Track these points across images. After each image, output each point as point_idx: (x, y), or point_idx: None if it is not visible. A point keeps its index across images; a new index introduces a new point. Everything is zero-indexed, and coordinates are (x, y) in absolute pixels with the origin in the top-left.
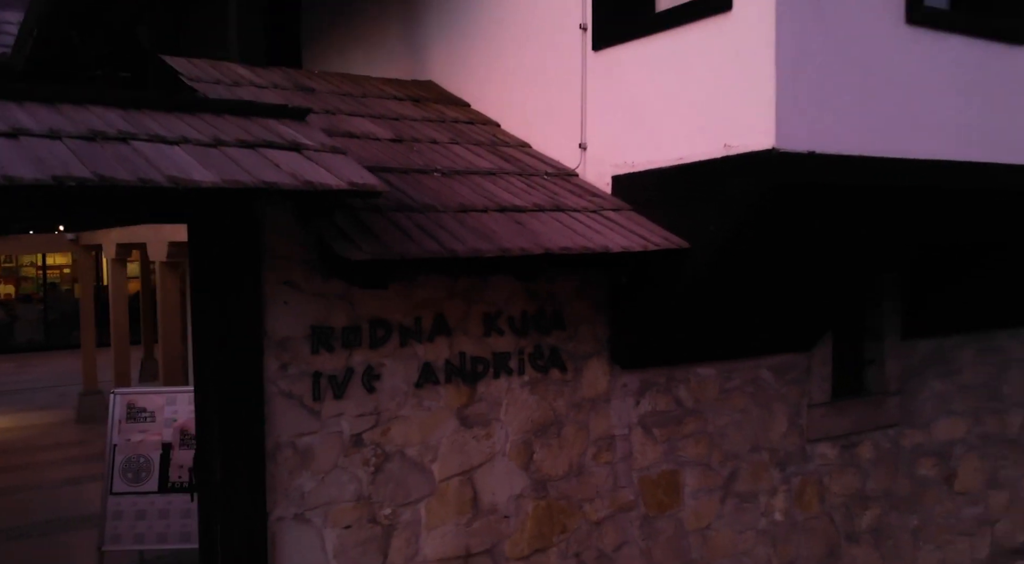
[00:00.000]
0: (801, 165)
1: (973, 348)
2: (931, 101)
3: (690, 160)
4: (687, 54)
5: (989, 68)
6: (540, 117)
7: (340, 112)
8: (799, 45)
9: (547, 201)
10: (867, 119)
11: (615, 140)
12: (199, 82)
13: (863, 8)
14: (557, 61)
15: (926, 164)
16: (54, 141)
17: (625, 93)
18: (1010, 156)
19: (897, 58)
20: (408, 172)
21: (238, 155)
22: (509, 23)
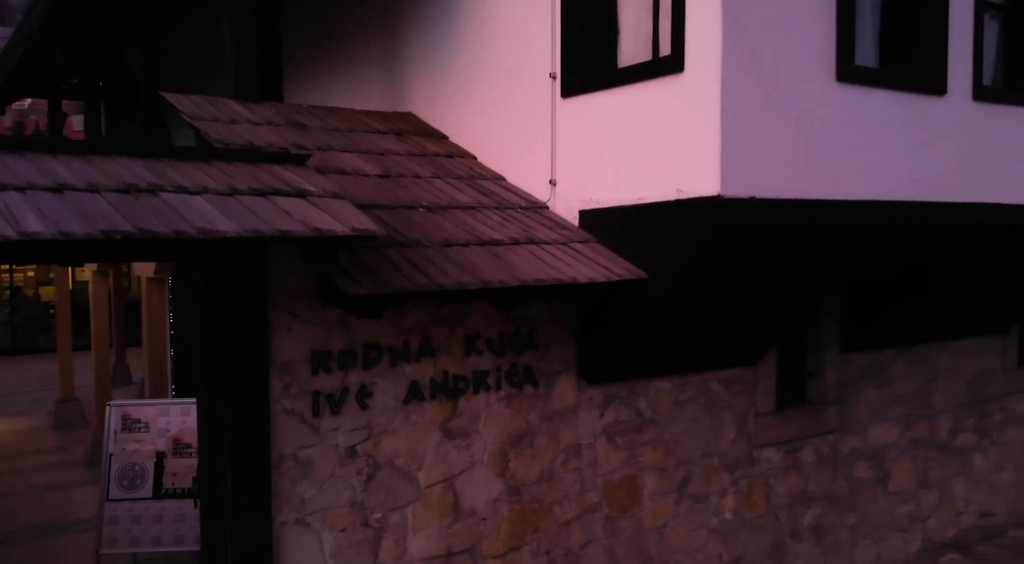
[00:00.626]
0: (743, 209)
1: (905, 360)
2: (860, 148)
3: (648, 201)
4: (645, 107)
5: (912, 116)
6: (514, 153)
7: (331, 148)
8: (742, 103)
9: (522, 234)
10: (802, 166)
11: (582, 178)
12: (200, 120)
13: (798, 69)
14: (529, 103)
15: (856, 204)
16: (94, 194)
17: (591, 137)
18: (931, 194)
19: (829, 111)
20: (396, 208)
21: (253, 203)
22: (485, 63)
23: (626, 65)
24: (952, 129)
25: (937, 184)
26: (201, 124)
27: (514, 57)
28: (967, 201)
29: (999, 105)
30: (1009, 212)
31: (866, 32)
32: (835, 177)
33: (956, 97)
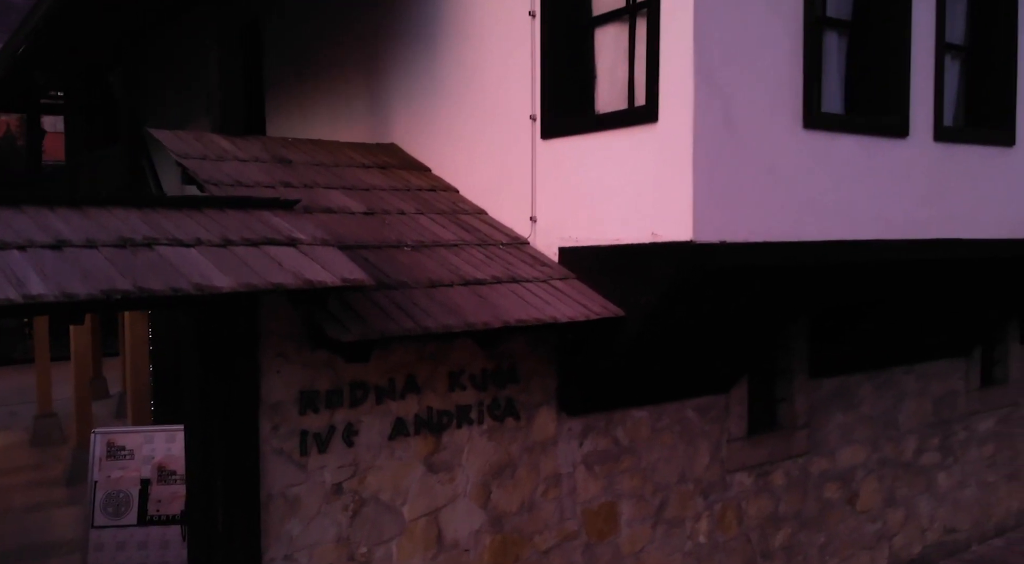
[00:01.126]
0: (714, 253)
1: (873, 383)
2: (826, 191)
3: (624, 242)
4: (621, 153)
5: (876, 159)
6: (495, 187)
7: (317, 185)
8: (713, 152)
9: (504, 273)
10: (771, 210)
11: (561, 217)
12: (188, 159)
13: (767, 117)
14: (510, 141)
15: (822, 245)
16: (93, 250)
17: (569, 178)
18: (893, 233)
19: (796, 157)
20: (383, 247)
21: (246, 254)
22: (467, 100)
23: (603, 111)
24: (914, 169)
25: (900, 222)
26: (189, 163)
27: (495, 97)
28: (928, 238)
29: (958, 144)
30: (968, 246)
31: (832, 79)
32: (801, 220)
33: (918, 139)
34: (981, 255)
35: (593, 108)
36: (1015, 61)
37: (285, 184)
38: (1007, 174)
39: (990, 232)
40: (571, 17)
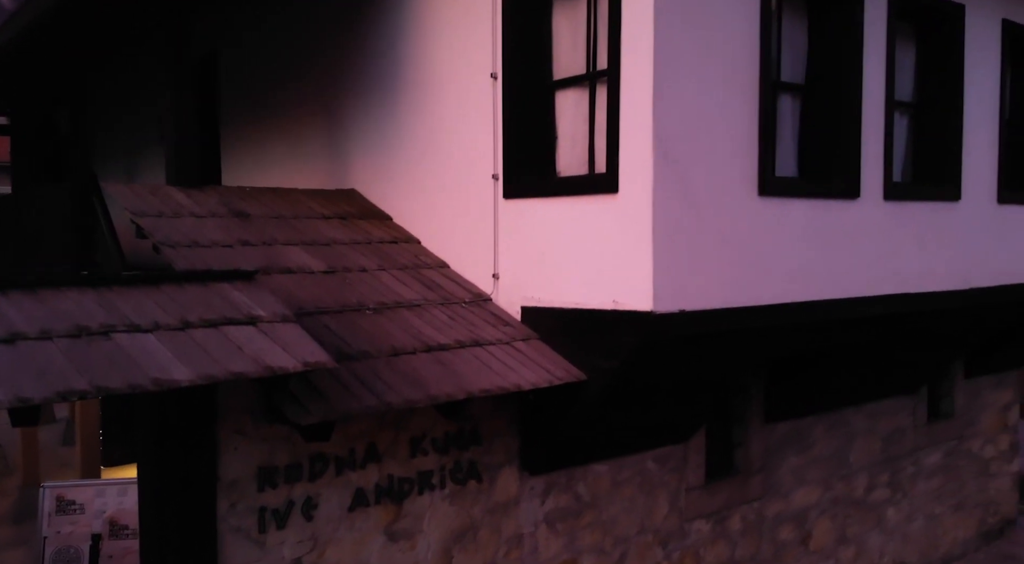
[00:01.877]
0: (673, 321)
1: (824, 425)
2: (781, 255)
3: (585, 307)
4: (583, 219)
5: (829, 220)
6: (458, 241)
7: (276, 242)
8: (672, 223)
9: (466, 336)
10: (727, 277)
11: (524, 275)
12: (143, 216)
13: (723, 186)
14: (472, 198)
15: (777, 307)
16: (47, 342)
17: (532, 238)
18: (846, 291)
19: (752, 224)
20: (343, 312)
21: (205, 339)
22: (429, 152)
23: (565, 173)
24: (865, 229)
25: (852, 281)
26: (145, 222)
27: (457, 153)
28: (879, 294)
29: (907, 202)
30: (917, 300)
31: (786, 143)
32: (757, 284)
33: (868, 199)
34: (930, 308)
35: (555, 169)
36: (960, 118)
37: (243, 242)
38: (953, 228)
39: (938, 285)
40: (532, 80)
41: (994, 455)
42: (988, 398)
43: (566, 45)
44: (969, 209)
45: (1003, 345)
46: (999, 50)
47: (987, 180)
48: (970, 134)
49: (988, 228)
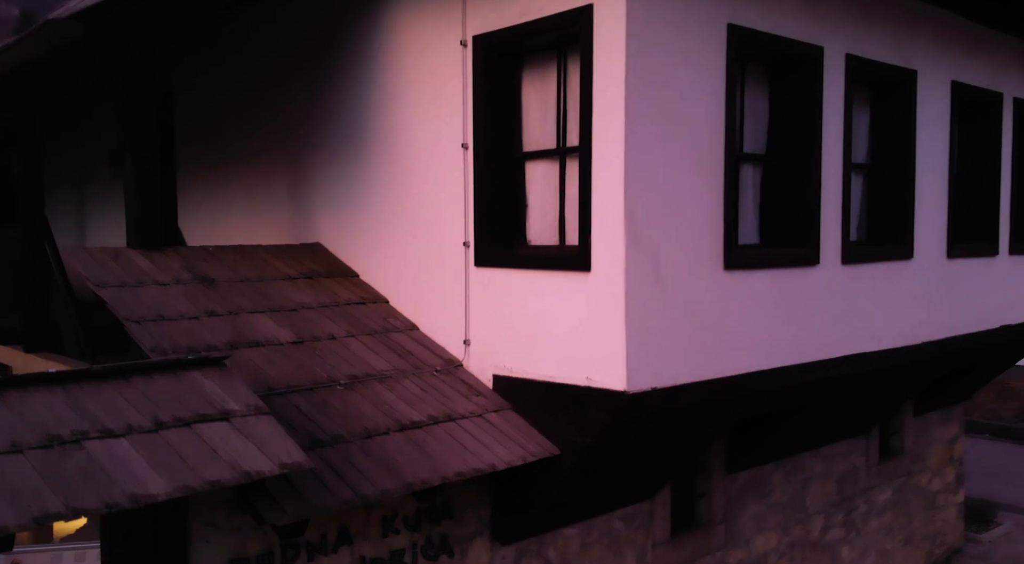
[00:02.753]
0: (646, 400)
1: (782, 471)
2: (746, 326)
3: (558, 381)
4: (555, 293)
5: (790, 288)
6: (428, 303)
7: (243, 310)
8: (643, 303)
9: (439, 410)
10: (696, 351)
11: (495, 343)
12: (106, 288)
13: (691, 262)
14: (443, 262)
15: (742, 377)
16: (18, 456)
17: (503, 308)
18: (807, 356)
19: (718, 298)
20: (314, 389)
21: (179, 442)
22: (399, 211)
23: (535, 242)
24: (824, 293)
25: (812, 345)
26: (108, 294)
27: (428, 218)
28: (838, 356)
29: (862, 264)
30: (873, 358)
31: (748, 213)
32: (724, 357)
33: (827, 265)
34: (885, 365)
35: (525, 237)
36: (913, 177)
37: (209, 313)
38: (907, 285)
39: (892, 342)
40: (502, 151)
41: (940, 488)
42: (935, 433)
43: (535, 118)
44: (921, 266)
45: (950, 384)
46: (948, 110)
47: (938, 236)
48: (922, 192)
49: (939, 283)
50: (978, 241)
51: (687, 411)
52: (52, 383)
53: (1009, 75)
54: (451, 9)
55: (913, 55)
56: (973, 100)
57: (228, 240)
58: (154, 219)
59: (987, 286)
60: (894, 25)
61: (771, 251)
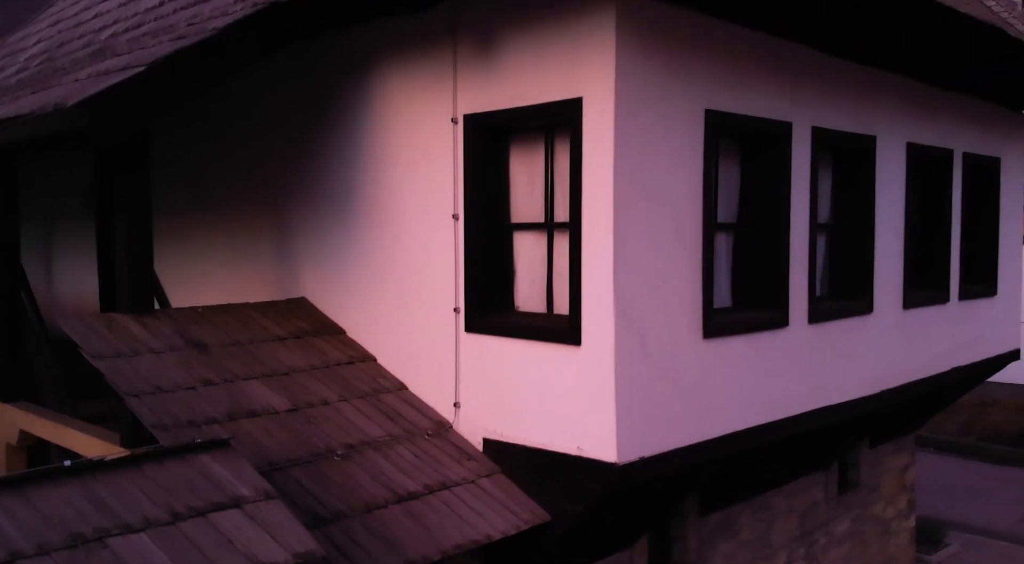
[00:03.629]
0: (634, 469)
1: (751, 510)
2: (724, 390)
3: (549, 449)
4: (546, 364)
5: (762, 351)
6: (418, 365)
7: (237, 378)
8: (631, 376)
9: (434, 478)
10: (679, 418)
11: (485, 407)
12: (103, 359)
13: (673, 334)
14: (433, 326)
15: (720, 439)
16: (45, 559)
17: (494, 374)
18: (780, 413)
19: (699, 366)
20: (313, 462)
21: (196, 534)
22: (389, 276)
23: (523, 309)
24: (793, 353)
25: (783, 402)
26: (105, 366)
27: (418, 281)
28: (807, 410)
29: (827, 322)
30: (838, 410)
31: (721, 278)
32: (705, 421)
33: (796, 325)
34: (848, 415)
35: (513, 304)
36: (872, 234)
37: (205, 382)
38: (868, 338)
39: (855, 393)
40: (492, 221)
41: (894, 515)
42: (888, 463)
43: (523, 191)
44: (880, 319)
45: (904, 420)
46: (904, 169)
47: (895, 289)
48: (881, 248)
49: (896, 333)
50: (931, 289)
51: (671, 476)
52: (69, 475)
53: (959, 132)
54: (442, 88)
55: (873, 122)
56: (927, 158)
57: (208, 289)
58: (144, 284)
59: (940, 332)
60: (856, 95)
61: (745, 316)
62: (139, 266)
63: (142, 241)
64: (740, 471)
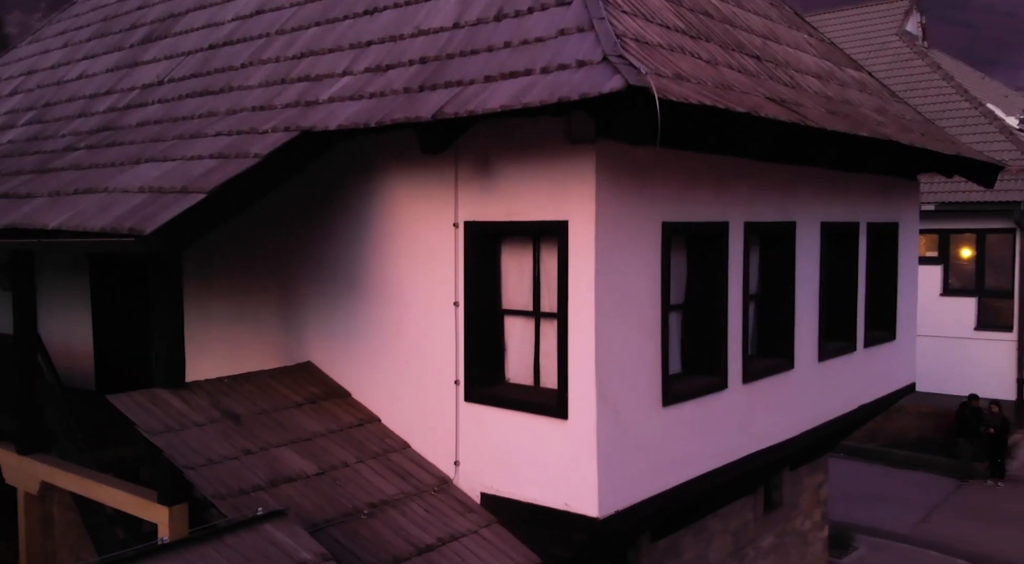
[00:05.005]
0: (612, 520)
1: (692, 532)
2: (679, 448)
3: (540, 504)
4: (537, 432)
5: (708, 411)
6: (421, 427)
7: (271, 446)
8: (608, 443)
9: (444, 531)
10: (644, 475)
11: (482, 467)
12: (157, 434)
13: (639, 406)
14: (435, 394)
15: (676, 488)
16: None
17: (491, 438)
18: (718, 462)
19: (659, 429)
20: (346, 521)
21: None
22: (393, 347)
23: (512, 380)
24: (731, 409)
25: (724, 450)
26: (161, 442)
27: (421, 354)
28: (743, 455)
29: (758, 380)
30: (770, 451)
31: (673, 352)
32: (663, 474)
33: (733, 386)
34: (774, 457)
35: (504, 376)
36: (793, 302)
37: (246, 452)
38: (790, 390)
39: (781, 437)
40: (487, 307)
41: (810, 527)
42: (806, 482)
43: (514, 283)
44: (800, 372)
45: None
46: (819, 243)
47: (811, 345)
48: (800, 311)
49: (813, 382)
50: (842, 340)
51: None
52: (166, 551)
53: (864, 205)
54: (445, 196)
55: (794, 210)
56: (837, 232)
57: (212, 349)
58: (180, 363)
59: (849, 377)
60: (780, 189)
61: (693, 382)
62: (175, 348)
63: (176, 328)
64: (686, 504)
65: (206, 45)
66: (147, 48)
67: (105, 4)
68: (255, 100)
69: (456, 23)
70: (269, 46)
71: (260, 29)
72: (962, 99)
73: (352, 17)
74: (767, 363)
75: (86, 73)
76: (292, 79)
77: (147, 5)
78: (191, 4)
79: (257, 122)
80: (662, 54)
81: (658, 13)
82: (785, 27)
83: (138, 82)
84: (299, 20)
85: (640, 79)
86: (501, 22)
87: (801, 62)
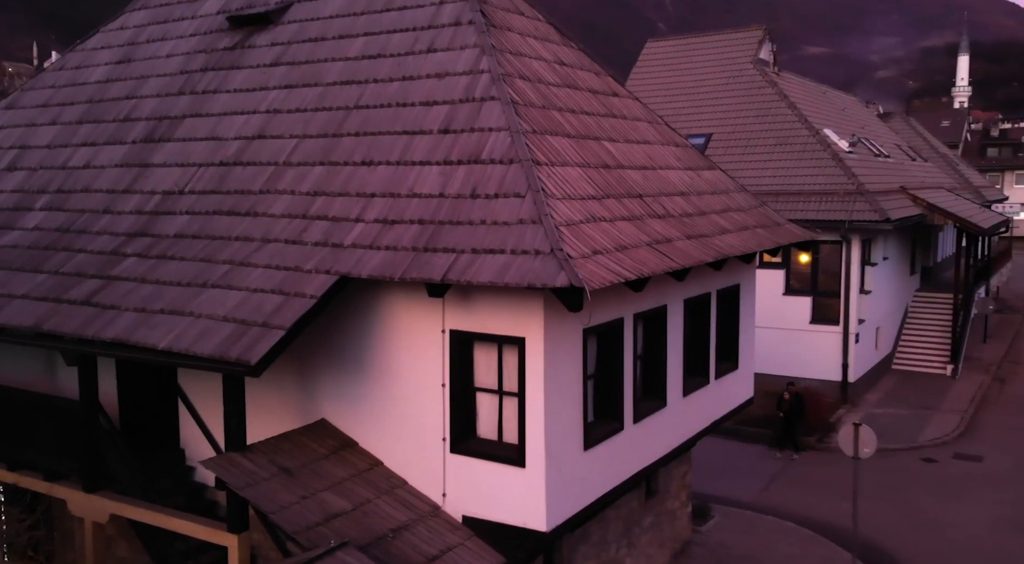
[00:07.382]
0: (555, 531)
1: (595, 521)
2: (595, 475)
3: (507, 523)
4: (504, 475)
5: (612, 447)
6: (417, 465)
7: (317, 491)
8: (552, 480)
9: (443, 545)
10: (573, 497)
11: (463, 497)
12: (244, 489)
13: (570, 451)
14: (427, 444)
15: (595, 501)
16: None
17: (471, 476)
18: (622, 478)
19: (581, 466)
20: (379, 543)
21: None
22: (396, 409)
23: (482, 436)
24: (628, 443)
25: (624, 472)
26: (250, 494)
27: (417, 414)
28: (636, 471)
29: (643, 419)
30: (652, 465)
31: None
32: (585, 495)
33: (628, 427)
34: (661, 463)
35: (476, 432)
36: (665, 358)
37: (303, 497)
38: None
39: (659, 454)
40: (465, 386)
41: (677, 506)
42: (675, 472)
43: (483, 370)
44: (672, 408)
45: None
46: (683, 313)
47: (678, 387)
48: (670, 363)
49: (680, 412)
50: (699, 377)
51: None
52: None
53: (713, 281)
54: (435, 312)
55: (666, 296)
56: (695, 301)
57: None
58: (243, 434)
59: (705, 403)
60: (655, 288)
61: (602, 429)
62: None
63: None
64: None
65: (216, 161)
66: (153, 149)
67: (84, 82)
68: (284, 232)
69: (442, 193)
70: (281, 177)
71: (266, 156)
72: (803, 127)
73: (352, 164)
74: (649, 405)
75: (92, 163)
76: (312, 216)
77: (135, 96)
78: (184, 109)
79: (295, 258)
80: (582, 232)
81: (576, 185)
82: (660, 145)
83: (157, 187)
84: (302, 155)
85: (577, 280)
86: (476, 200)
87: (671, 183)
